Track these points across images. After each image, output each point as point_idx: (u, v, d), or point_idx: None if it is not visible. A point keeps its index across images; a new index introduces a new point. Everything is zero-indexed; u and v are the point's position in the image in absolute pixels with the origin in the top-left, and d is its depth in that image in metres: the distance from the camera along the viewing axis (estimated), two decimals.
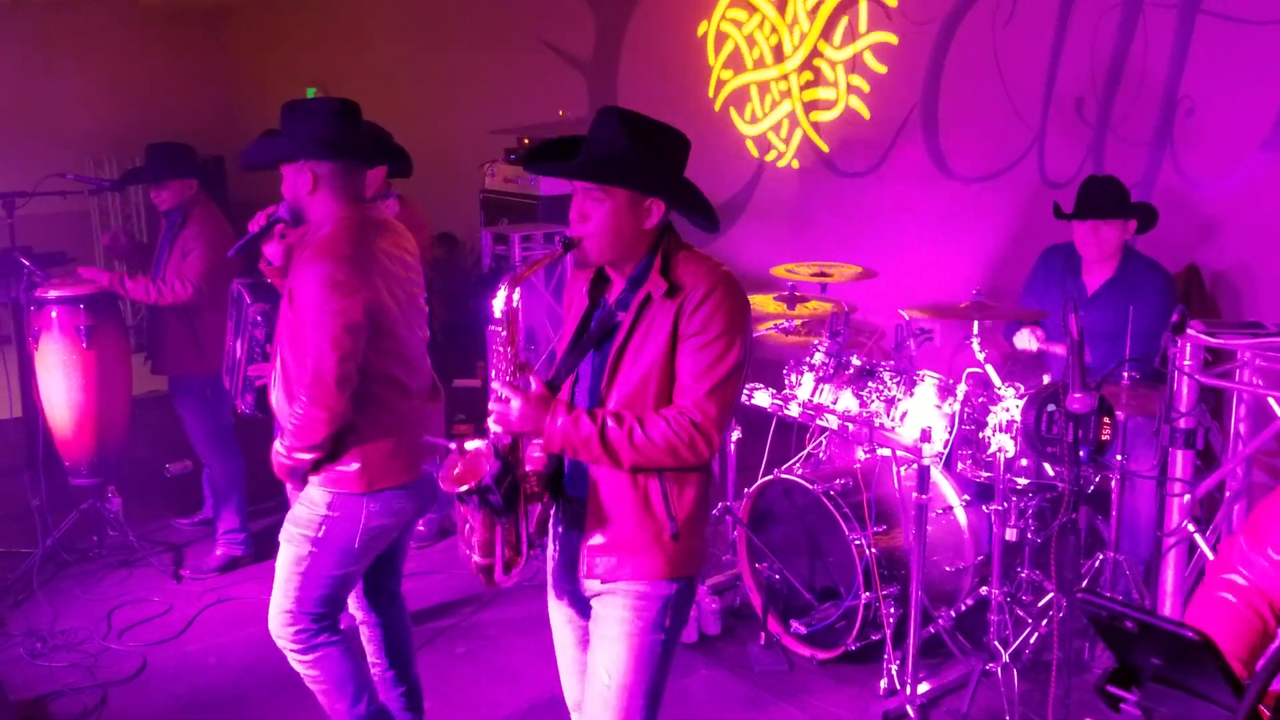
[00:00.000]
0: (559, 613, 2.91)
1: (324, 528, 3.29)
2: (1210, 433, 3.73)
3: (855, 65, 6.28)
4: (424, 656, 4.52)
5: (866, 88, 6.24)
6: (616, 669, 2.67)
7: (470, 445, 2.63)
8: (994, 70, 5.65)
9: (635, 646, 2.67)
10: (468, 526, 2.65)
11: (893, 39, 6.07)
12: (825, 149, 6.52)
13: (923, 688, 4.04)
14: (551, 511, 2.77)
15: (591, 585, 2.70)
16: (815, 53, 6.48)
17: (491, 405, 2.56)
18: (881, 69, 6.16)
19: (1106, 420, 3.37)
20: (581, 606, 2.82)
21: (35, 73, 10.82)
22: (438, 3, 9.49)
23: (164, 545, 5.62)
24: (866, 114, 6.29)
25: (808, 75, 6.54)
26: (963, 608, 4.35)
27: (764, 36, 6.74)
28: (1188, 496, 3.68)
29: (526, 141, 6.80)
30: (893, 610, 4.17)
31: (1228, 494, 3.75)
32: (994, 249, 5.79)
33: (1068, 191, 4.61)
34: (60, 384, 5.13)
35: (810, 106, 6.57)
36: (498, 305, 2.59)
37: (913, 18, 5.98)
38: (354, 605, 3.64)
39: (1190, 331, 3.54)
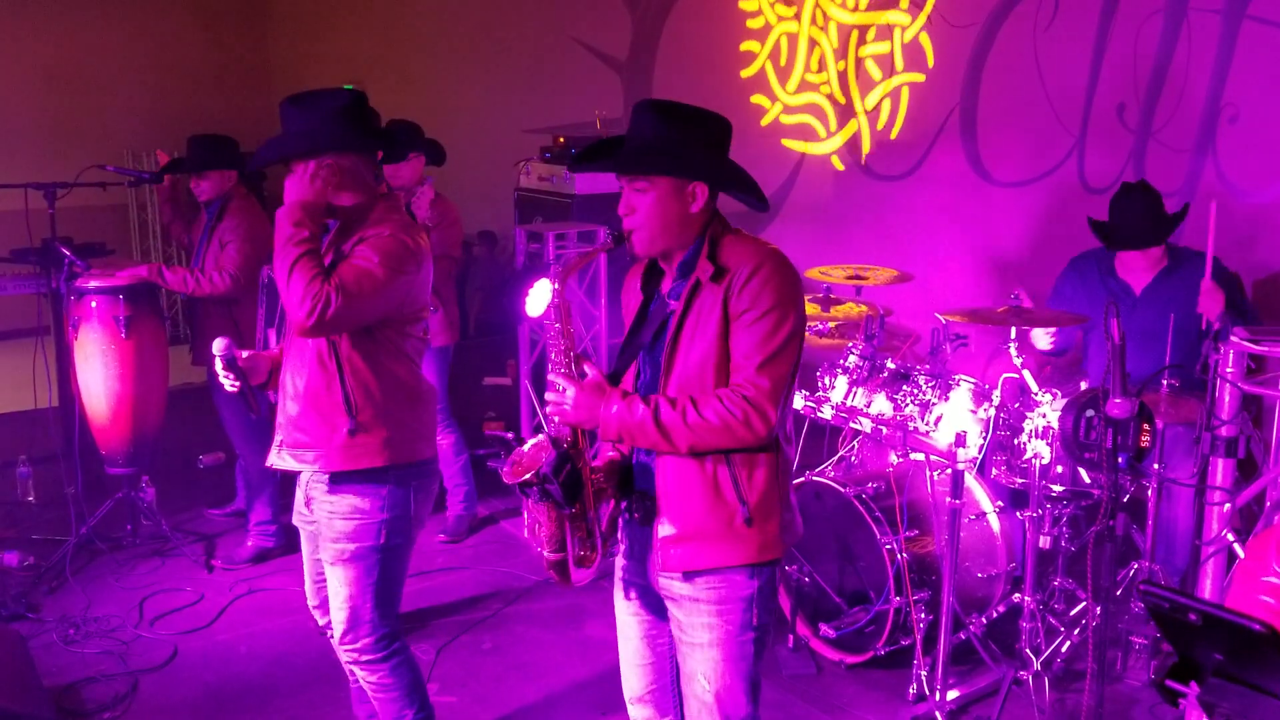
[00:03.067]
0: (625, 605, 2.85)
1: (384, 532, 3.21)
2: (1252, 441, 3.68)
3: (893, 68, 6.24)
4: (451, 651, 4.54)
5: (905, 91, 6.21)
6: (714, 675, 2.66)
7: (531, 441, 2.62)
8: (1034, 74, 5.60)
9: (729, 651, 2.65)
10: (536, 524, 2.63)
11: (929, 44, 6.04)
12: (862, 151, 6.49)
13: (952, 694, 4.01)
14: (622, 507, 2.75)
15: (670, 586, 2.67)
16: (854, 55, 6.45)
17: (548, 395, 2.55)
18: (920, 75, 6.13)
19: (1146, 427, 3.33)
20: (650, 600, 2.79)
21: (76, 66, 10.94)
22: (475, 2, 9.52)
23: (196, 535, 5.66)
24: (903, 117, 6.25)
25: (847, 76, 6.52)
26: (994, 615, 4.32)
27: (801, 38, 6.71)
28: (1228, 505, 3.64)
29: (561, 140, 6.79)
30: (923, 616, 4.14)
31: (1268, 504, 3.70)
32: (1033, 254, 5.75)
33: (1107, 198, 4.56)
34: (98, 373, 5.18)
35: (848, 108, 6.54)
36: (539, 301, 2.61)
37: (953, 21, 5.94)
38: (324, 617, 3.47)
39: (1233, 338, 3.49)
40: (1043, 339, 4.58)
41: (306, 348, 3.19)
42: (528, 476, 2.53)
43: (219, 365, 3.21)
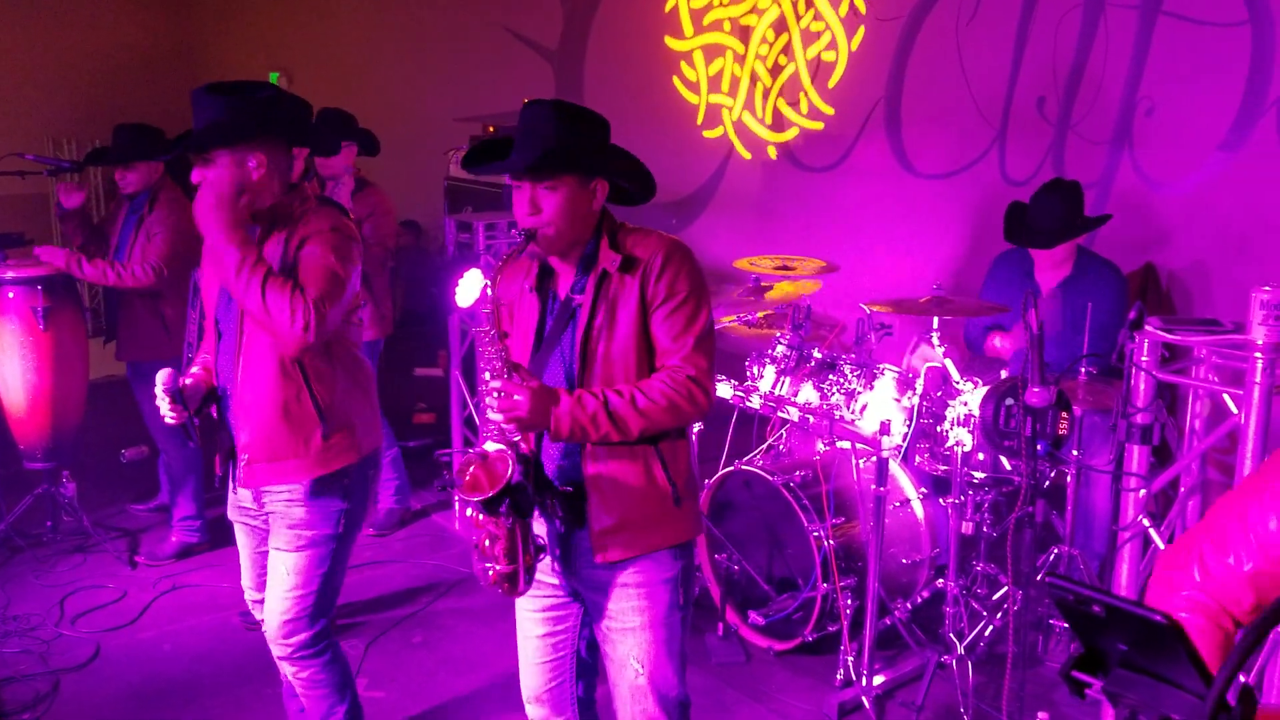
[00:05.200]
0: (529, 603, 2.86)
1: (343, 520, 3.21)
2: (1166, 428, 3.77)
3: (820, 60, 6.29)
4: (381, 645, 4.52)
5: (831, 83, 6.26)
6: (647, 658, 2.73)
7: (473, 454, 2.61)
8: (957, 68, 5.68)
9: (661, 634, 2.73)
10: (488, 539, 2.61)
11: (858, 37, 6.10)
12: (789, 142, 6.54)
13: (878, 679, 4.07)
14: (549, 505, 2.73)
15: (596, 576, 2.72)
16: (781, 46, 6.50)
17: (491, 402, 2.52)
18: (845, 67, 6.18)
19: (1064, 415, 3.40)
20: (556, 598, 2.83)
21: None
22: None
23: (119, 531, 5.57)
24: (830, 109, 6.31)
25: (776, 69, 6.56)
26: (919, 600, 4.39)
27: (731, 28, 6.74)
28: (1143, 491, 3.72)
29: (492, 130, 6.77)
30: (850, 602, 4.19)
31: (1182, 490, 3.79)
32: (955, 245, 5.83)
33: (1027, 190, 4.64)
34: (15, 366, 5.07)
35: (775, 99, 6.58)
36: (466, 297, 2.60)
37: (878, 14, 6.00)
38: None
39: (1148, 328, 3.57)
40: (999, 344, 4.67)
41: (265, 360, 3.08)
42: (496, 492, 2.51)
43: (163, 401, 3.05)
